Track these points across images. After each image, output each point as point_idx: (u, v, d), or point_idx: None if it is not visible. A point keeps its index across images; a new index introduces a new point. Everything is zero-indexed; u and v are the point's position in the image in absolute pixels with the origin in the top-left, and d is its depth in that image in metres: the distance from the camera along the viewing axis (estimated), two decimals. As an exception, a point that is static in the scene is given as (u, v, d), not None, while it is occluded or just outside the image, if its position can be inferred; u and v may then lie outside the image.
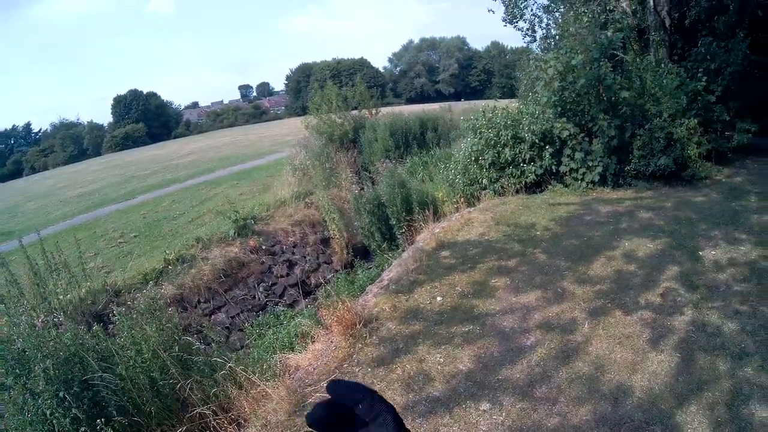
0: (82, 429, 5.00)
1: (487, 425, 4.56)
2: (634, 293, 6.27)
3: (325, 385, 1.01)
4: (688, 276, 6.42)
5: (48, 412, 4.94)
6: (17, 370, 5.07)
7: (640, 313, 5.81)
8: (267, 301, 11.97)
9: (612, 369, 4.96)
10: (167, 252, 12.24)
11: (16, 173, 77.36)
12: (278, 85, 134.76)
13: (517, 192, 11.49)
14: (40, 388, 4.93)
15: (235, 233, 13.25)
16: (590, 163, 10.98)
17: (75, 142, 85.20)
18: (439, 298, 7.03)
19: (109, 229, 17.15)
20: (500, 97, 16.00)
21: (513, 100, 17.82)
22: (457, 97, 75.14)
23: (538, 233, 8.68)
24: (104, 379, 5.47)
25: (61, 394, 4.99)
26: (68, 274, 9.94)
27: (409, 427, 4.55)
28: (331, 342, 6.51)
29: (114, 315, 6.45)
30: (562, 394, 4.75)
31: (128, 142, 77.98)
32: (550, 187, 11.47)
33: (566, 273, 7.09)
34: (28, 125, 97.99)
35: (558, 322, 5.96)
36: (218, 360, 6.45)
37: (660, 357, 4.99)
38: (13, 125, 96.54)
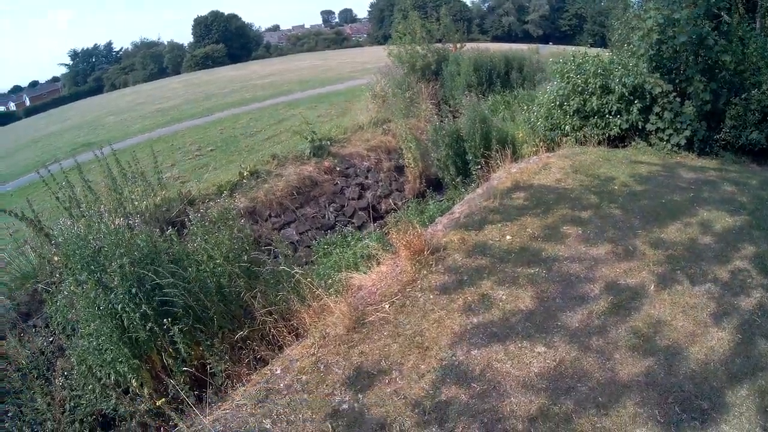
0: (149, 324, 5.29)
1: (540, 368, 4.61)
2: (705, 265, 6.04)
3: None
4: (763, 259, 6.10)
5: (119, 307, 5.24)
6: (92, 267, 5.38)
7: (708, 286, 5.63)
8: (336, 221, 12.24)
9: (671, 336, 4.88)
10: (243, 166, 12.58)
11: (97, 90, 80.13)
12: (361, 12, 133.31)
13: (599, 143, 11.03)
14: (115, 283, 5.21)
15: (310, 153, 13.43)
16: (678, 125, 10.39)
17: (155, 61, 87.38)
18: (508, 237, 6.99)
19: (187, 142, 17.69)
20: (592, 45, 15.22)
21: (602, 49, 16.99)
22: (545, 39, 72.01)
23: (615, 188, 8.41)
24: (175, 280, 5.73)
25: (133, 291, 5.29)
26: (144, 182, 10.36)
27: (463, 357, 4.67)
28: (397, 266, 6.62)
29: (189, 221, 6.69)
30: (618, 351, 4.73)
31: (208, 61, 79.18)
32: (633, 143, 10.96)
33: (639, 232, 6.89)
34: (109, 44, 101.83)
35: (624, 280, 5.86)
36: (284, 271, 6.65)
37: (721, 334, 4.86)
38: (95, 44, 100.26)
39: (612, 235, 6.87)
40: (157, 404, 5.06)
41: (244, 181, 11.97)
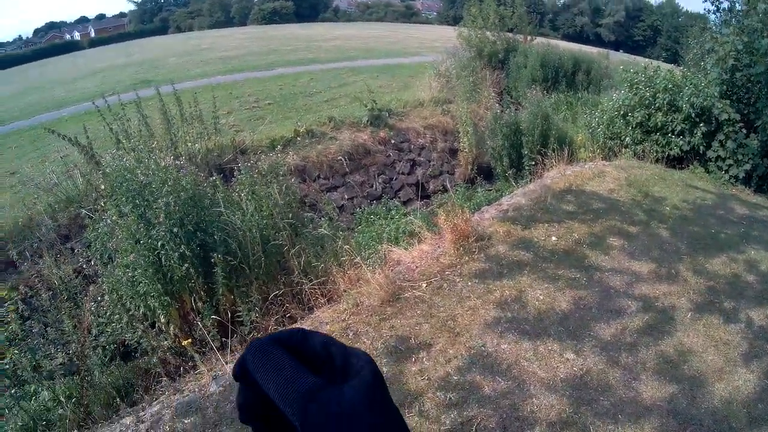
0: (186, 265, 5.31)
1: (566, 374, 4.52)
2: (745, 303, 5.80)
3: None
4: (804, 308, 5.87)
5: (159, 244, 5.24)
6: (137, 201, 5.37)
7: (744, 325, 5.39)
8: (383, 193, 12.16)
9: (699, 368, 4.72)
10: (299, 124, 12.59)
11: (162, 30, 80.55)
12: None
13: (657, 161, 10.63)
14: (160, 220, 5.21)
15: (367, 121, 13.33)
16: (740, 157, 9.97)
17: (222, 9, 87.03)
18: (554, 238, 6.86)
19: (246, 93, 17.72)
20: (664, 59, 14.68)
21: (674, 66, 16.39)
22: (616, 46, 69.45)
23: (666, 209, 8.15)
24: (221, 223, 5.76)
25: (175, 230, 5.26)
26: (200, 125, 10.41)
27: (492, 349, 4.61)
28: (439, 247, 6.55)
29: (239, 170, 6.67)
30: (645, 372, 4.61)
31: (275, 17, 78.55)
32: (691, 167, 10.57)
33: (684, 258, 6.67)
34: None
35: (662, 302, 5.69)
36: (326, 234, 6.63)
37: (748, 376, 4.67)
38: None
39: (657, 255, 6.68)
40: (183, 344, 5.12)
41: (298, 138, 11.96)
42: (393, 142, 13.27)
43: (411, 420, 4.04)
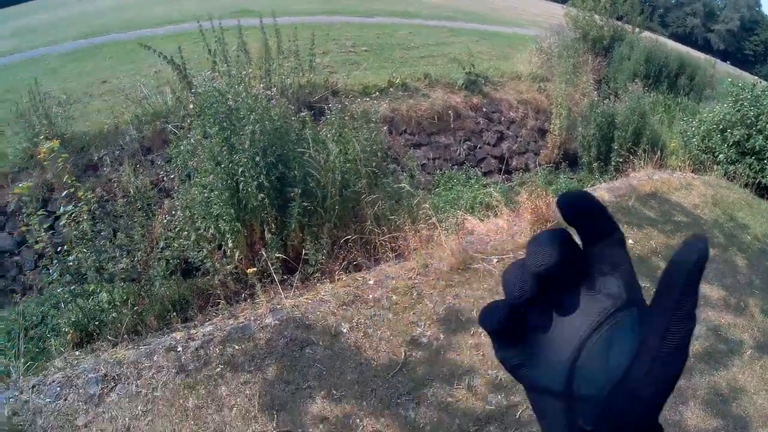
0: (262, 195, 5.30)
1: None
2: (811, 352, 5.59)
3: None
4: None
5: (240, 170, 5.25)
6: (224, 124, 5.37)
7: (806, 375, 5.21)
8: (465, 159, 11.89)
9: (748, 408, 4.57)
10: (393, 75, 12.36)
11: None
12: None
13: (746, 185, 9.99)
14: (244, 147, 5.20)
15: (462, 84, 12.96)
16: (832, 196, 9.43)
17: None
18: (630, 241, 6.63)
19: (343, 36, 17.37)
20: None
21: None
22: (724, 56, 64.24)
23: (747, 238, 7.76)
24: (303, 160, 5.75)
25: (257, 159, 5.25)
26: (296, 60, 10.31)
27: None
28: (515, 225, 6.42)
29: (329, 109, 6.58)
30: (694, 399, 4.50)
31: None
32: (780, 200, 10.00)
33: (756, 292, 6.38)
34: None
35: (725, 332, 5.49)
36: (405, 189, 6.59)
37: (795, 428, 4.51)
38: None
39: (729, 283, 6.41)
40: (247, 272, 5.19)
41: (391, 90, 11.82)
42: (484, 110, 12.92)
43: (458, 392, 4.07)
